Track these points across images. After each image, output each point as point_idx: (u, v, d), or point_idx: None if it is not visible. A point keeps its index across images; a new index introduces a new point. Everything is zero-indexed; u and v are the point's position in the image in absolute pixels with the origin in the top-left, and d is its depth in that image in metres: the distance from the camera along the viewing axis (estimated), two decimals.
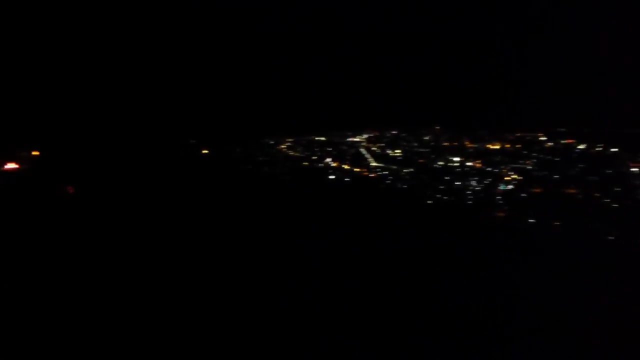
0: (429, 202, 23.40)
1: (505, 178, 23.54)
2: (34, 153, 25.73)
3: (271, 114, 27.57)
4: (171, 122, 27.61)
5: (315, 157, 26.91)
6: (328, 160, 26.66)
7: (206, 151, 26.76)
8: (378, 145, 27.15)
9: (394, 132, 27.67)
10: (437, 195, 23.55)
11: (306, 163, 26.65)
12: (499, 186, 23.23)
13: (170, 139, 27.54)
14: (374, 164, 26.11)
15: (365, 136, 27.66)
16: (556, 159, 23.58)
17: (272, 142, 27.76)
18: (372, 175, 25.64)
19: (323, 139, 27.68)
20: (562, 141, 24.28)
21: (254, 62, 28.35)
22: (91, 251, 16.60)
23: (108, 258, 16.06)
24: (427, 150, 26.36)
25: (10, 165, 24.74)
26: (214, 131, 27.49)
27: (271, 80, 28.33)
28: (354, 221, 21.18)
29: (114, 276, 14.61)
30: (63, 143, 27.27)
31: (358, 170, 26.01)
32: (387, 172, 25.43)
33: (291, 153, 27.47)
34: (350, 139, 27.50)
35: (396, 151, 26.66)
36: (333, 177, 25.83)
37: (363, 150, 26.88)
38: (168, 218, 20.21)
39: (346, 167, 26.20)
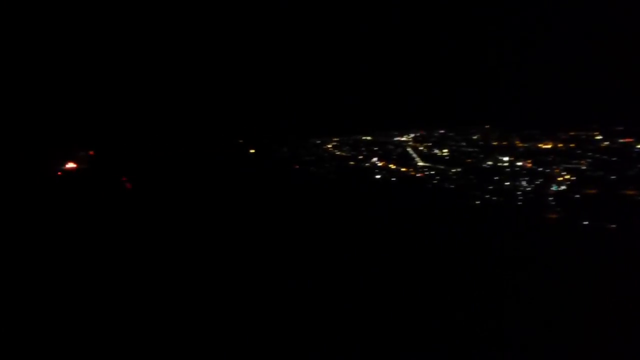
0: (477, 202, 23.04)
1: (558, 178, 22.85)
2: (90, 153, 26.99)
3: (317, 114, 27.71)
4: (220, 122, 28.15)
5: (362, 157, 26.97)
6: (374, 159, 26.66)
7: (253, 150, 27.26)
8: (425, 144, 26.91)
9: (441, 131, 27.35)
10: (486, 196, 23.14)
11: (352, 162, 26.78)
12: (550, 187, 22.58)
13: (219, 138, 28.18)
14: (421, 163, 25.91)
15: (412, 135, 27.46)
16: (613, 159, 22.65)
17: (318, 142, 27.98)
18: (419, 175, 25.46)
19: (369, 138, 27.70)
20: (620, 140, 23.28)
21: (299, 61, 28.46)
22: (148, 245, 17.28)
23: (162, 252, 16.69)
24: (476, 149, 25.89)
25: (70, 165, 26.00)
26: (261, 131, 27.92)
27: (317, 80, 28.40)
28: (401, 221, 21.14)
29: (169, 269, 15.19)
30: (118, 143, 28.41)
31: (404, 170, 25.88)
32: (434, 172, 25.20)
33: (337, 152, 27.65)
34: (397, 139, 27.38)
35: (444, 151, 26.35)
36: (379, 176, 25.81)
37: (410, 150, 26.71)
38: (217, 215, 20.79)
39: (392, 166, 26.11)
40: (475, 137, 26.53)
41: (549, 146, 24.63)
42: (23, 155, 24.38)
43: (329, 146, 28.05)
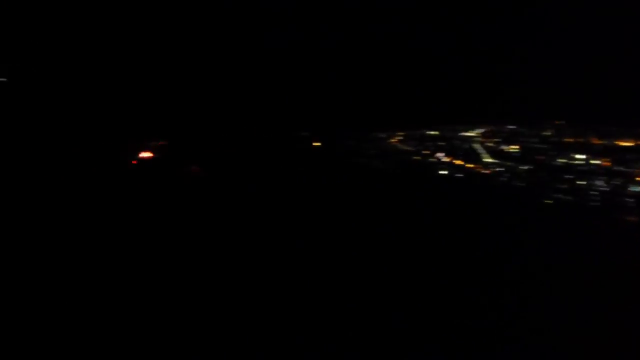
0: (548, 201, 22.17)
1: (637, 178, 21.55)
2: (161, 143, 28.30)
3: (383, 107, 27.61)
4: (285, 114, 28.67)
5: (427, 152, 26.59)
6: (440, 155, 26.21)
7: (318, 144, 27.51)
8: (494, 140, 26.13)
9: (511, 126, 26.43)
10: (558, 195, 22.23)
11: (417, 157, 26.47)
12: (629, 187, 21.34)
13: (284, 131, 28.69)
14: (489, 159, 25.20)
15: (479, 131, 26.75)
16: None
17: (383, 136, 27.85)
18: (486, 171, 24.79)
19: (435, 133, 27.25)
20: None
21: (365, 53, 28.44)
22: (217, 233, 17.90)
23: (229, 241, 17.23)
24: (548, 146, 24.84)
25: (146, 154, 27.35)
26: (326, 124, 28.16)
27: (383, 73, 28.29)
28: (465, 219, 20.75)
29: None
30: (189, 134, 29.56)
31: (471, 166, 25.26)
32: (502, 169, 24.45)
33: (402, 147, 27.42)
34: (464, 134, 26.76)
35: (513, 147, 25.46)
36: (445, 172, 25.36)
37: (477, 146, 26.05)
38: (283, 206, 21.23)
39: (458, 162, 25.56)
40: (547, 134, 25.47)
41: (630, 144, 23.25)
42: (104, 145, 25.90)
43: (394, 140, 27.84)
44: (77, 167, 23.07)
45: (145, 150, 27.10)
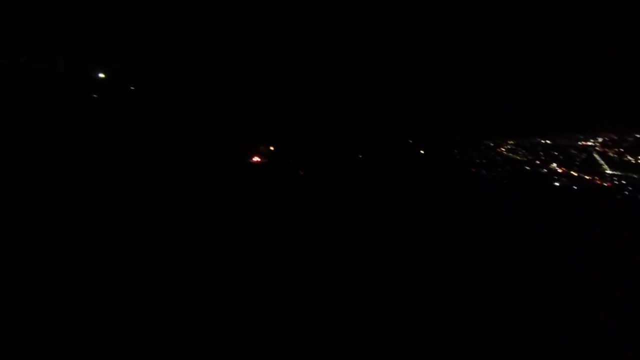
0: None
1: None
2: (270, 148, 29.94)
3: (492, 113, 26.82)
4: (391, 121, 28.93)
5: (539, 162, 25.27)
6: (553, 165, 24.80)
7: (423, 152, 27.40)
8: (616, 149, 24.15)
9: (637, 135, 24.22)
10: None
11: (528, 167, 25.27)
12: None
13: (389, 138, 28.88)
14: (610, 171, 23.36)
15: (600, 140, 24.86)
16: None
17: (491, 144, 26.96)
18: (607, 184, 23.02)
19: (549, 142, 25.79)
20: None
21: (476, 58, 27.81)
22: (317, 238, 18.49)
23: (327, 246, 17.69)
24: None
25: (255, 159, 29.11)
26: (430, 131, 27.97)
27: (493, 77, 27.49)
28: (580, 235, 19.50)
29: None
30: (296, 138, 30.89)
31: (589, 177, 23.60)
32: (625, 182, 22.55)
33: (512, 156, 26.35)
34: (582, 143, 25.03)
35: (639, 158, 23.36)
36: (558, 184, 23.95)
37: (596, 156, 24.25)
38: (382, 214, 21.44)
39: (574, 173, 23.99)
40: None
41: None
42: (217, 148, 27.84)
43: (503, 149, 26.82)
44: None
45: (256, 154, 28.90)
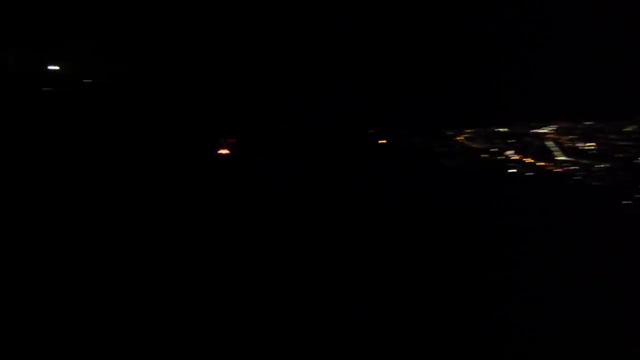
0: (626, 202, 21.10)
1: None
2: (229, 140, 29.44)
3: (451, 103, 27.19)
4: (352, 111, 28.88)
5: (496, 150, 25.90)
6: (509, 152, 25.48)
7: (384, 141, 27.54)
8: (568, 137, 24.99)
9: (588, 122, 25.10)
10: (637, 196, 21.07)
11: (485, 155, 25.88)
12: None
13: (350, 128, 28.87)
14: (562, 157, 24.19)
15: (553, 127, 25.63)
16: None
17: (450, 133, 27.41)
18: (559, 169, 23.85)
19: (505, 130, 26.43)
20: None
21: (430, 47, 28.02)
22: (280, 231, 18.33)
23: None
24: (629, 143, 23.44)
25: (223, 151, 28.62)
26: (393, 121, 28.10)
27: (449, 67, 27.81)
28: (535, 219, 20.26)
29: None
30: (260, 132, 30.48)
31: (542, 164, 24.38)
32: (577, 167, 23.42)
33: (470, 145, 26.89)
34: (536, 130, 25.75)
35: (589, 144, 24.25)
36: (514, 170, 24.66)
37: (550, 143, 25.04)
38: (343, 205, 21.50)
39: (529, 160, 24.72)
40: (629, 129, 24.00)
41: None
42: (183, 141, 27.15)
43: (462, 138, 27.35)
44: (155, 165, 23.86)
45: (222, 146, 28.46)
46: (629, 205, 21.02)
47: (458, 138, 27.04)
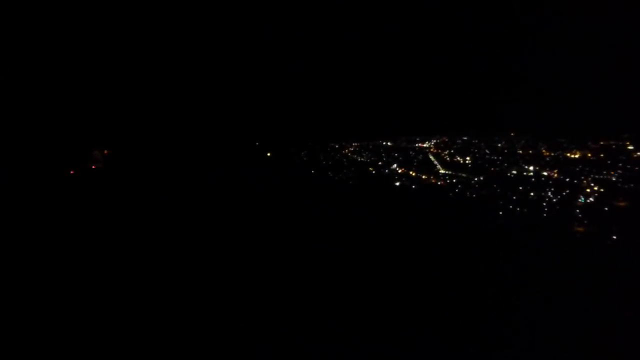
0: (500, 213, 22.25)
1: (586, 190, 21.92)
2: (106, 152, 26.96)
3: (337, 117, 27.26)
4: (237, 124, 27.97)
5: (381, 163, 26.25)
6: (394, 166, 25.95)
7: (270, 154, 26.87)
8: (447, 151, 26.11)
9: (464, 137, 26.49)
10: (509, 206, 22.32)
11: (372, 169, 26.10)
12: (578, 199, 21.67)
13: (236, 140, 27.95)
14: (443, 171, 25.14)
15: (433, 142, 26.69)
16: None
17: (337, 146, 27.40)
18: (440, 183, 24.70)
19: (390, 144, 26.98)
20: None
21: (319, 64, 28.03)
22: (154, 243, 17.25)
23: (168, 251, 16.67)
24: (500, 157, 25.04)
25: (85, 165, 26.14)
26: (279, 133, 27.56)
27: (338, 83, 27.99)
28: (419, 230, 20.51)
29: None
30: (134, 142, 28.54)
31: (425, 177, 25.11)
32: (455, 180, 24.41)
33: (357, 158, 27.03)
34: (419, 145, 26.62)
35: (466, 158, 25.51)
36: (398, 184, 25.09)
37: (431, 157, 25.97)
38: (226, 217, 20.57)
39: (413, 174, 25.35)
40: (499, 145, 25.67)
41: (577, 156, 23.69)
42: (37, 155, 24.64)
43: (348, 151, 27.44)
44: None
45: (87, 159, 25.77)
46: (502, 216, 22.16)
47: (344, 151, 27.12)
